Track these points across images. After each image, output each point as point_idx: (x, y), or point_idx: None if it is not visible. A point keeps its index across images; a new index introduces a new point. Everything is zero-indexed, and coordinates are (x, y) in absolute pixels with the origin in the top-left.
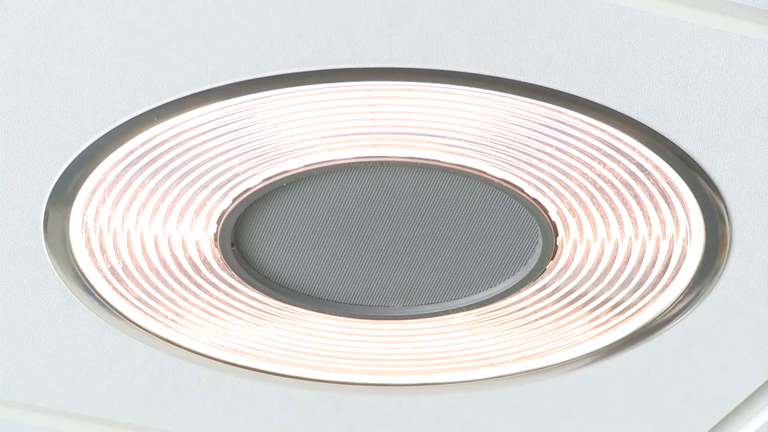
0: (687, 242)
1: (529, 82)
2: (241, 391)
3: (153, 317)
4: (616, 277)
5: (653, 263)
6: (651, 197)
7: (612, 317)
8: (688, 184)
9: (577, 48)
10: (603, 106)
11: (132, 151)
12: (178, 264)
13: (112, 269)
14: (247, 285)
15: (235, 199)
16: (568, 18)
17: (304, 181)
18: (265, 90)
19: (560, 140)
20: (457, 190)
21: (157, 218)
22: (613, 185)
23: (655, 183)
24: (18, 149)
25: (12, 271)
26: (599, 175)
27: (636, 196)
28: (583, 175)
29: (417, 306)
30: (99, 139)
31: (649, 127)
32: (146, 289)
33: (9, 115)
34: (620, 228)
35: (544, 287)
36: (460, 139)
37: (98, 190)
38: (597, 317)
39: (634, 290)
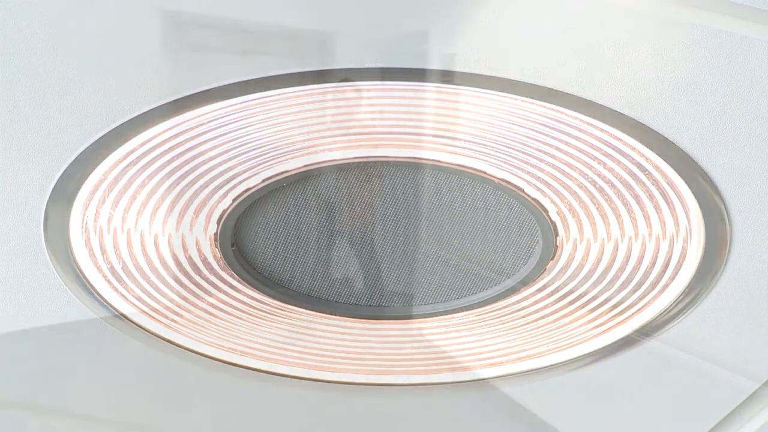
0: (687, 242)
1: (529, 82)
2: (241, 391)
3: (153, 317)
4: (616, 277)
5: (653, 263)
6: (651, 197)
7: (612, 317)
8: (688, 184)
9: (578, 48)
10: (603, 106)
11: (132, 151)
12: (178, 264)
13: (112, 269)
14: (247, 285)
15: (235, 199)
16: (568, 18)
17: (304, 181)
18: (265, 90)
19: (560, 140)
20: (457, 190)
21: (157, 218)
22: (613, 185)
23: (655, 183)
24: (18, 149)
25: (12, 271)
26: (599, 175)
27: (636, 196)
28: (583, 175)
29: (417, 306)
30: (99, 139)
31: (649, 127)
32: (146, 289)
33: (9, 115)
34: (620, 228)
35: (544, 287)
36: (460, 139)
37: (98, 190)
38: (597, 317)
39: (634, 290)
